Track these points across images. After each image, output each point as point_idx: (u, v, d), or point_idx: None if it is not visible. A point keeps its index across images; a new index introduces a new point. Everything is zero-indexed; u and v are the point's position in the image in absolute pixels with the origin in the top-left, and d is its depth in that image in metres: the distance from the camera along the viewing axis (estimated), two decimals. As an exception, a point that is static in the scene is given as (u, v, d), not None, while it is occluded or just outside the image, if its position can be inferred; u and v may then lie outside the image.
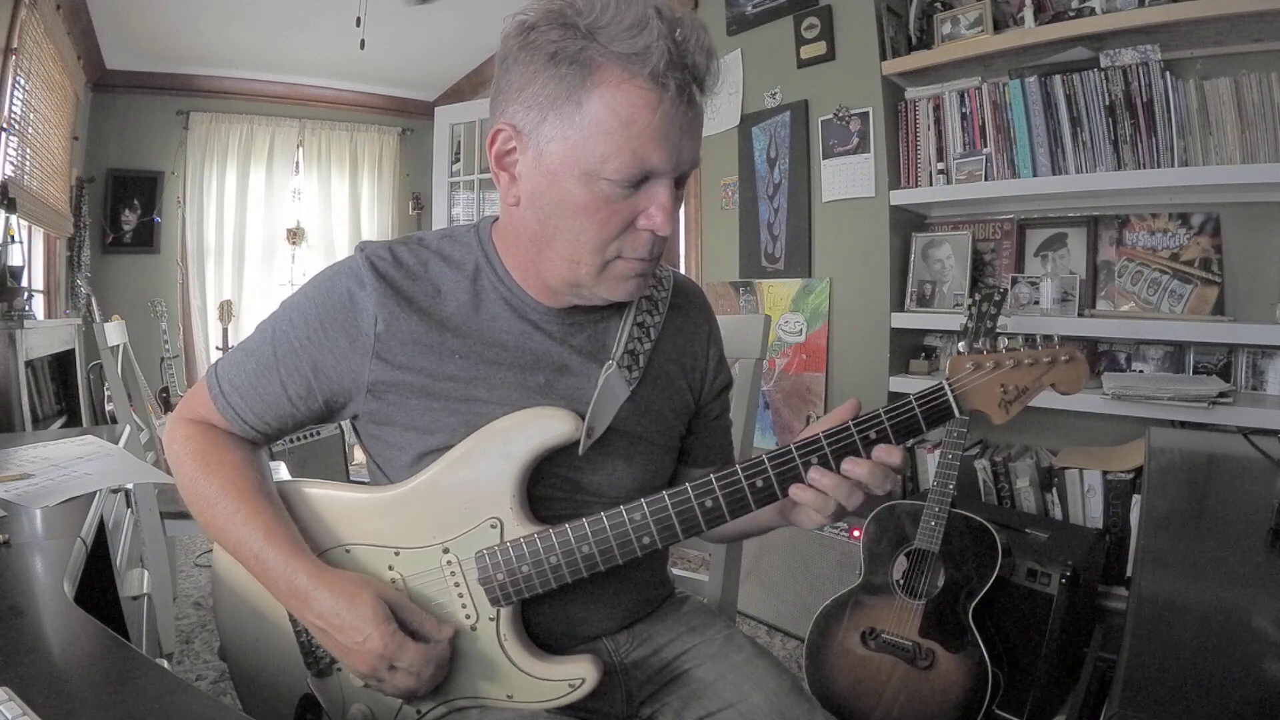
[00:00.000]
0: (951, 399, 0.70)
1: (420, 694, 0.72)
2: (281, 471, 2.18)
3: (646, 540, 0.71)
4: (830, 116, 2.30)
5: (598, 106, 0.64)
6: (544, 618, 0.78)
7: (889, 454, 0.69)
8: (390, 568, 0.74)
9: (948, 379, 0.71)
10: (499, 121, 0.70)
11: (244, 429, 0.79)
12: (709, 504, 0.70)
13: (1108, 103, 1.83)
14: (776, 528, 0.84)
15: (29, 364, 2.44)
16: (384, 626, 0.68)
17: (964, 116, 2.09)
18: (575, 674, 0.73)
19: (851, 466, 0.68)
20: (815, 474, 0.69)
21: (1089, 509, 1.83)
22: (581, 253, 0.69)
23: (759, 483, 0.70)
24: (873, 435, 0.69)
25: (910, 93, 2.21)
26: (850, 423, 0.69)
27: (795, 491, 0.70)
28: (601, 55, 0.63)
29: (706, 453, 0.92)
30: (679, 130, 0.66)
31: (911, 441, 0.87)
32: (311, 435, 3.16)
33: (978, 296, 1.57)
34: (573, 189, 0.66)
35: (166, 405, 3.36)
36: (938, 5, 2.16)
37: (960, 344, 1.54)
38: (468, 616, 0.74)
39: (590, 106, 0.64)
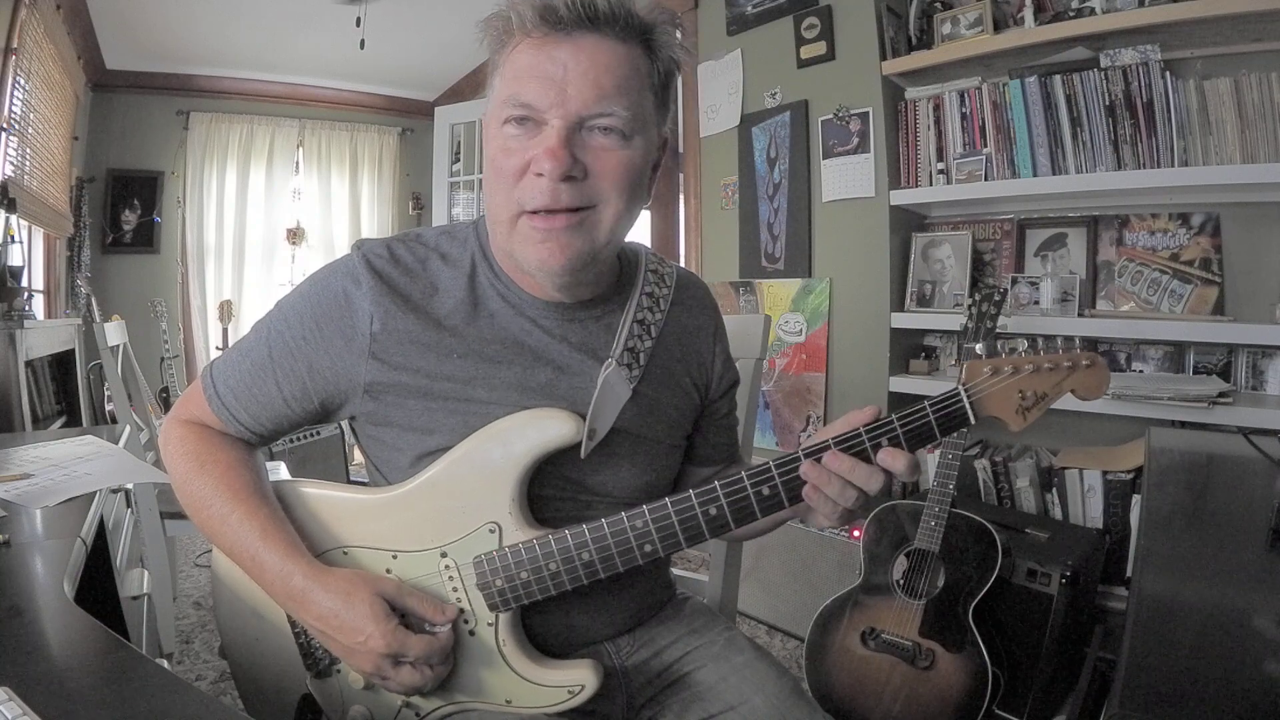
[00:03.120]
0: (968, 405, 0.68)
1: (425, 690, 0.71)
2: (281, 471, 2.18)
3: (648, 548, 0.70)
4: (830, 116, 2.30)
5: (503, 66, 0.69)
6: (544, 623, 0.77)
7: (893, 459, 0.66)
8: (388, 571, 0.74)
9: (964, 384, 0.68)
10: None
11: (239, 430, 0.78)
12: (713, 512, 0.68)
13: (1108, 103, 1.83)
14: (784, 523, 0.82)
15: (29, 364, 2.44)
16: (384, 624, 0.67)
17: (964, 116, 2.09)
18: (575, 680, 0.72)
19: (850, 469, 0.66)
20: (814, 472, 0.67)
21: (1089, 509, 1.83)
22: (496, 210, 0.71)
23: (765, 490, 0.68)
24: (884, 442, 0.67)
25: (910, 93, 2.21)
26: (862, 428, 0.67)
27: (807, 494, 0.68)
28: (510, 22, 0.68)
29: (713, 452, 0.91)
30: (558, 66, 0.65)
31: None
32: (311, 435, 3.16)
33: (978, 296, 1.57)
34: (490, 148, 0.70)
35: (166, 405, 3.36)
36: (938, 5, 2.16)
37: (978, 346, 1.52)
38: (466, 621, 0.73)
39: (498, 69, 0.70)
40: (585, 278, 0.75)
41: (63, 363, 3.01)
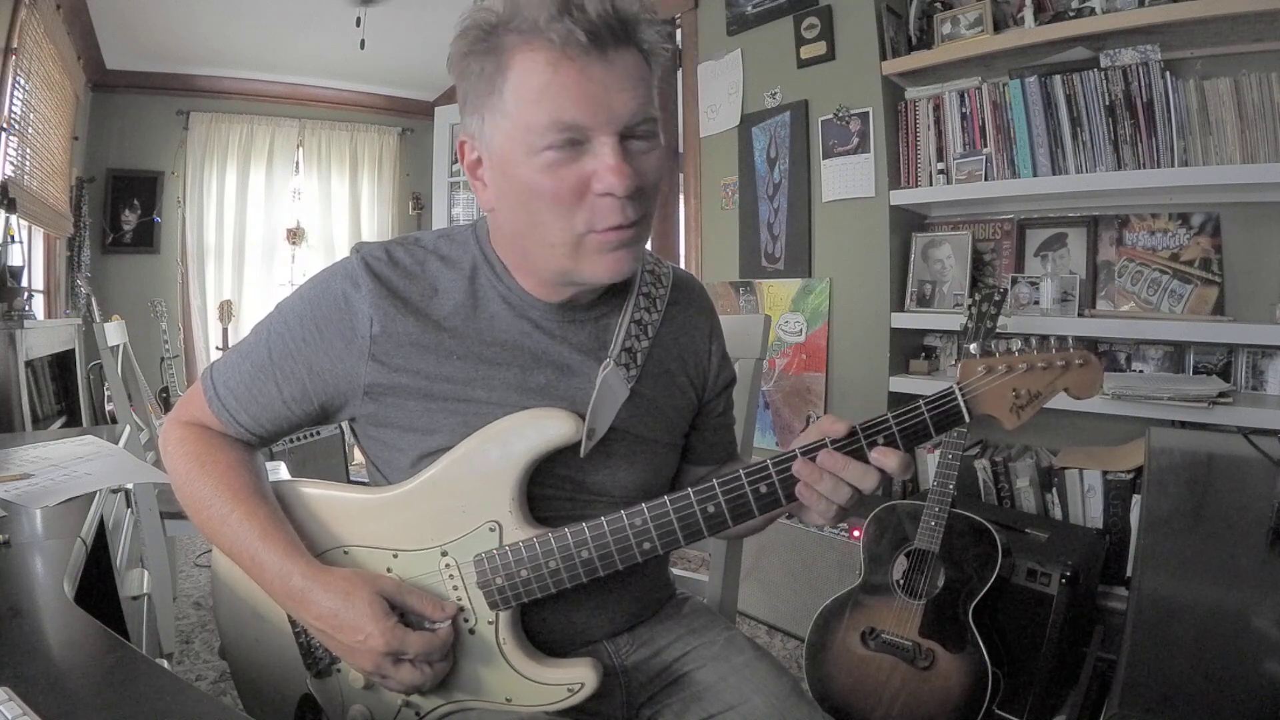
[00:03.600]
0: (962, 404, 0.69)
1: (426, 688, 0.71)
2: (281, 472, 2.18)
3: (647, 545, 0.70)
4: (830, 116, 2.30)
5: (513, 86, 0.65)
6: (544, 621, 0.77)
7: (885, 457, 0.67)
8: (388, 570, 0.74)
9: (958, 383, 0.69)
10: (460, 134, 0.73)
11: (239, 431, 0.78)
12: (711, 509, 0.69)
13: (1108, 103, 1.83)
14: (778, 518, 0.82)
15: (29, 364, 2.44)
16: (384, 622, 0.67)
17: (964, 116, 2.09)
18: (575, 678, 0.72)
19: (842, 466, 0.67)
20: (806, 469, 0.67)
21: (1089, 509, 1.83)
22: (552, 234, 0.68)
23: (762, 488, 0.69)
24: (880, 441, 0.68)
25: (910, 93, 2.21)
26: (858, 426, 0.68)
27: (800, 491, 0.69)
28: (507, 39, 0.65)
29: (710, 450, 0.92)
30: (599, 84, 0.64)
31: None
32: (311, 436, 3.16)
33: (978, 296, 1.57)
34: (523, 173, 0.66)
35: (166, 405, 3.36)
36: (938, 5, 2.16)
37: (972, 345, 1.53)
38: (466, 620, 0.73)
39: (508, 90, 0.65)
40: None
41: (63, 363, 3.02)
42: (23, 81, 2.62)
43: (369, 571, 0.73)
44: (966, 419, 0.69)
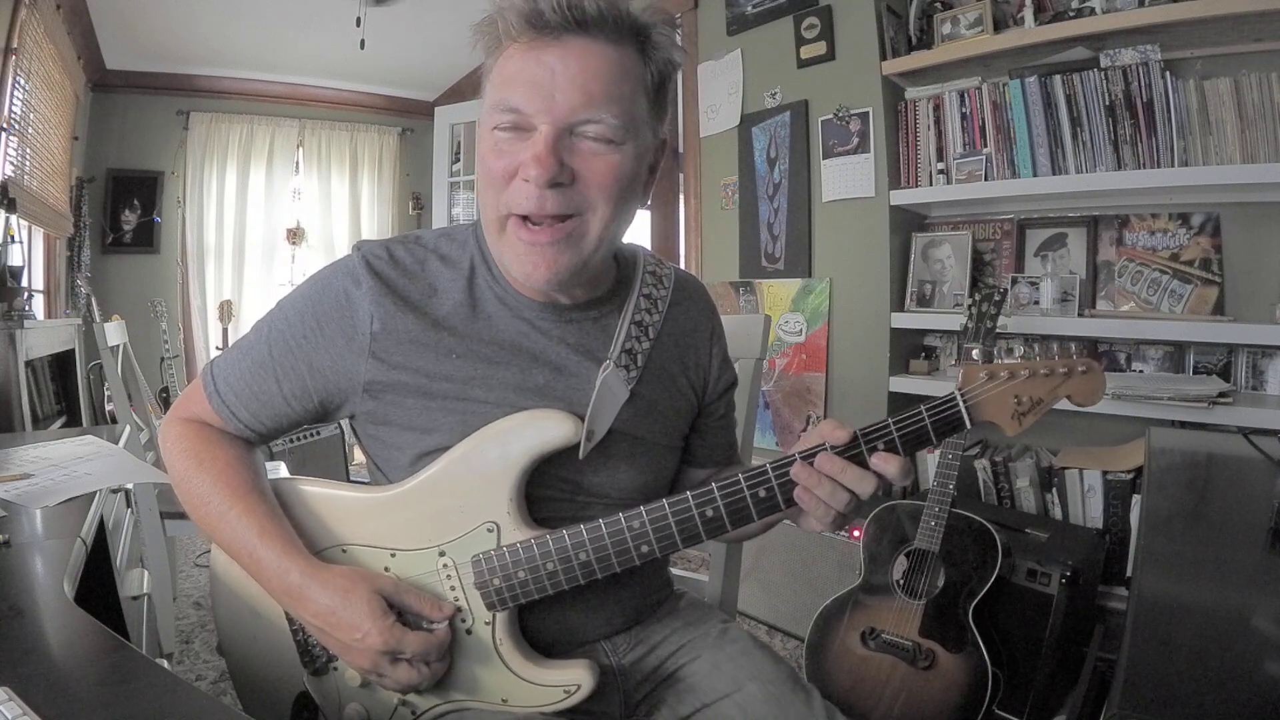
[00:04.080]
0: (963, 410, 0.68)
1: (422, 687, 0.71)
2: (281, 471, 2.18)
3: (645, 549, 0.70)
4: (830, 116, 2.30)
5: (494, 68, 0.69)
6: (541, 622, 0.77)
7: (885, 463, 0.66)
8: (386, 569, 0.74)
9: (960, 389, 0.69)
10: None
11: (239, 428, 0.78)
12: (710, 513, 0.69)
13: (1108, 103, 1.83)
14: (777, 524, 0.82)
15: (29, 364, 2.44)
16: (381, 621, 0.67)
17: (964, 116, 2.09)
18: (571, 679, 0.72)
19: (840, 470, 0.66)
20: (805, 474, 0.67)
21: (1089, 509, 1.83)
22: (486, 209, 0.71)
23: (761, 493, 0.68)
24: (880, 446, 0.67)
25: (910, 93, 2.21)
26: (859, 432, 0.68)
27: (798, 495, 0.68)
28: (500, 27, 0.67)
29: (711, 453, 0.92)
30: (546, 71, 0.65)
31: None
32: (311, 435, 3.16)
33: (978, 296, 1.57)
34: (480, 150, 0.71)
35: (166, 405, 3.36)
36: (938, 5, 2.16)
37: (974, 350, 1.53)
38: (463, 620, 0.73)
39: (492, 71, 0.70)
40: (576, 284, 0.75)
41: (63, 363, 3.02)
42: (23, 81, 2.62)
43: (368, 570, 0.73)
44: (968, 425, 0.69)
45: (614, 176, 0.68)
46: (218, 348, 4.09)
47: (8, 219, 2.46)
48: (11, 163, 2.58)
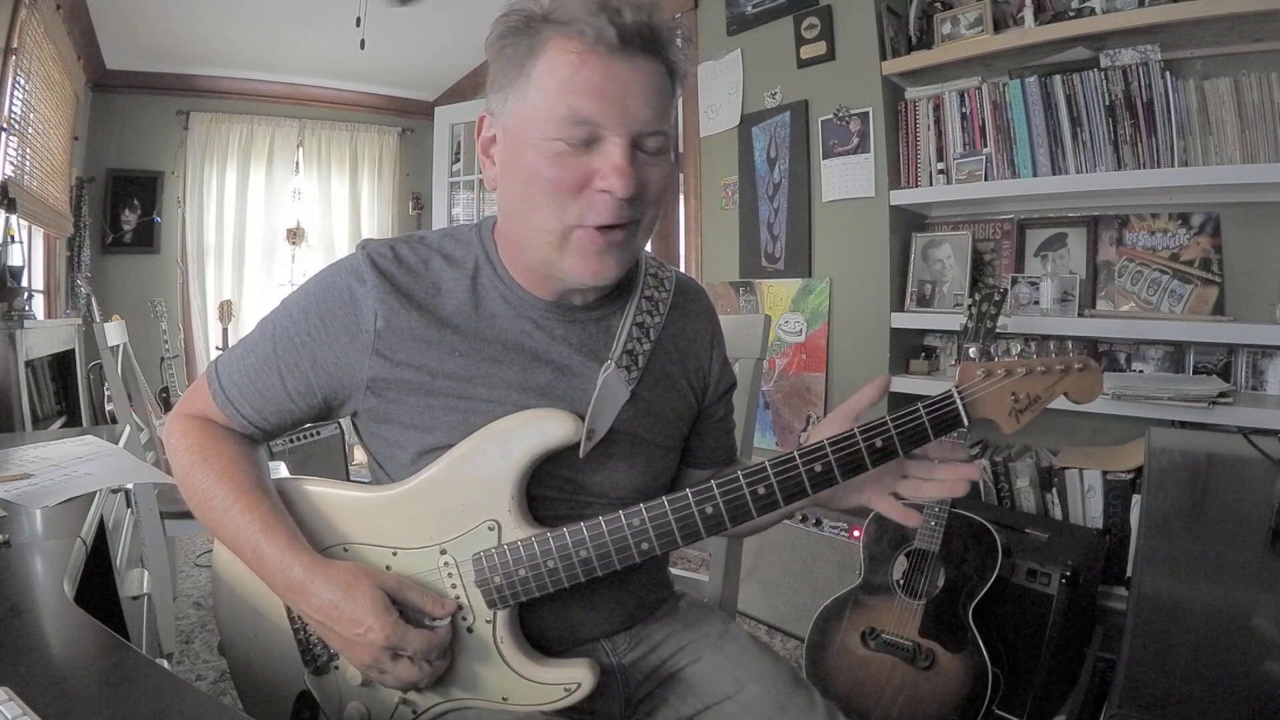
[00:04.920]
0: (960, 407, 0.69)
1: (423, 685, 0.71)
2: (281, 471, 2.18)
3: (645, 546, 0.70)
4: (830, 116, 2.30)
5: (540, 71, 0.67)
6: (542, 620, 0.77)
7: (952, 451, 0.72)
8: (387, 568, 0.74)
9: (957, 386, 0.70)
10: (481, 111, 0.74)
11: (243, 424, 0.79)
12: (709, 511, 0.69)
13: (1108, 103, 1.83)
14: (785, 519, 0.83)
15: (29, 364, 2.44)
16: (384, 616, 0.68)
17: (964, 116, 2.09)
18: (572, 678, 0.72)
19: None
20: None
21: (1089, 509, 1.83)
22: (543, 219, 0.69)
23: (760, 490, 0.69)
24: (879, 444, 0.68)
25: (910, 93, 2.21)
26: (856, 430, 0.68)
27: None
28: (546, 26, 0.67)
29: (710, 454, 0.92)
30: (620, 85, 0.66)
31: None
32: (311, 435, 3.16)
33: (978, 296, 1.57)
34: (530, 157, 0.68)
35: (166, 405, 3.35)
36: (938, 5, 2.16)
37: (971, 349, 1.53)
38: (464, 618, 0.73)
39: (535, 74, 0.67)
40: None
41: (63, 363, 3.02)
42: (23, 81, 2.62)
43: (371, 567, 0.73)
44: (965, 423, 0.70)
45: (664, 185, 0.72)
46: (218, 348, 4.09)
47: (8, 219, 2.46)
48: (11, 163, 2.58)
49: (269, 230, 4.46)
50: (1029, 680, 1.56)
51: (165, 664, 1.32)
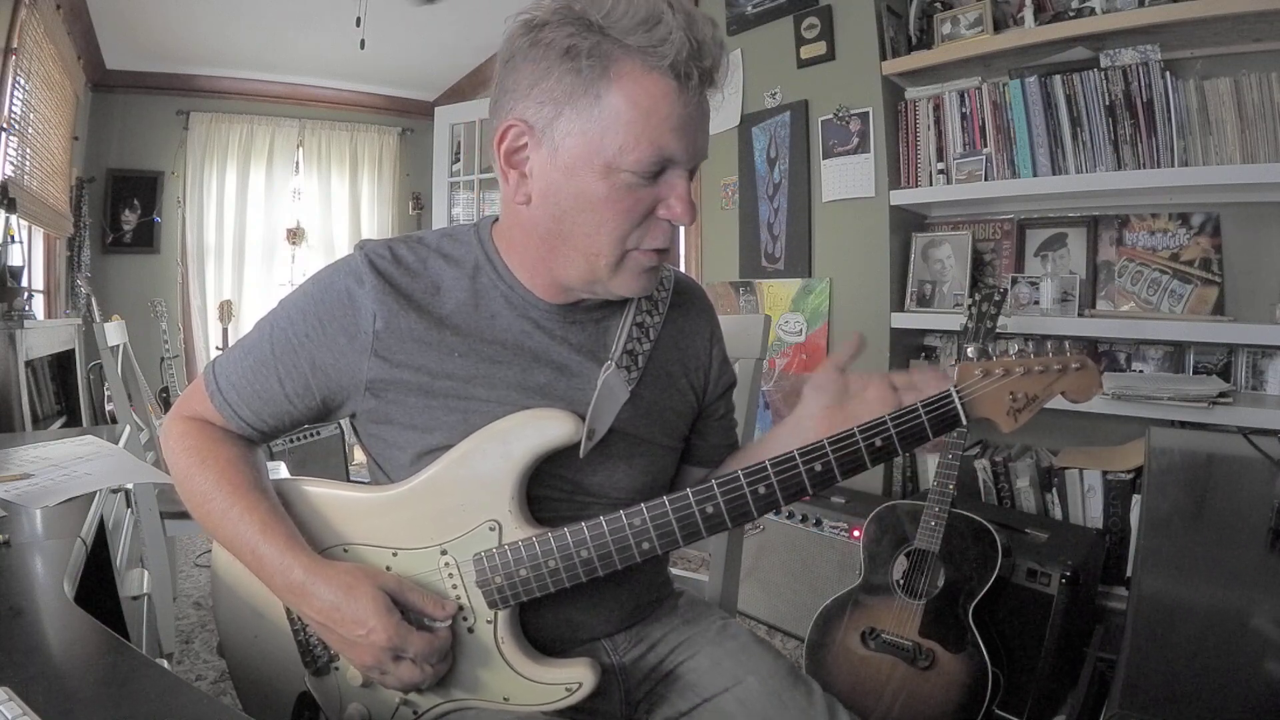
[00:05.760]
0: (959, 406, 0.70)
1: (424, 686, 0.71)
2: (281, 471, 2.18)
3: (646, 546, 0.70)
4: (830, 116, 2.30)
5: (617, 99, 0.65)
6: (542, 620, 0.77)
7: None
8: (388, 568, 0.74)
9: (955, 386, 0.70)
10: (509, 118, 0.69)
11: (241, 426, 0.78)
12: (710, 510, 0.70)
13: (1108, 103, 1.83)
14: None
15: (29, 364, 2.44)
16: (386, 618, 0.67)
17: (964, 116, 2.09)
18: (573, 678, 0.72)
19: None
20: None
21: (1089, 509, 1.83)
22: (601, 245, 0.69)
23: (761, 490, 0.69)
24: (878, 443, 0.69)
25: (910, 93, 2.21)
26: (856, 429, 0.69)
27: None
28: (619, 49, 0.64)
29: (711, 452, 0.92)
30: (693, 121, 0.68)
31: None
32: (311, 435, 3.16)
33: (978, 296, 1.57)
34: (592, 182, 0.67)
35: (166, 405, 3.35)
36: (938, 5, 2.16)
37: (970, 349, 1.53)
38: (465, 619, 0.73)
39: (609, 99, 0.65)
40: None
41: (63, 363, 3.02)
42: (23, 81, 2.62)
43: (372, 567, 0.73)
44: (964, 421, 0.70)
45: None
46: (218, 348, 4.09)
47: (8, 219, 2.46)
48: (11, 163, 2.58)
49: (269, 230, 4.46)
50: (1029, 680, 1.56)
51: (165, 664, 1.32)
